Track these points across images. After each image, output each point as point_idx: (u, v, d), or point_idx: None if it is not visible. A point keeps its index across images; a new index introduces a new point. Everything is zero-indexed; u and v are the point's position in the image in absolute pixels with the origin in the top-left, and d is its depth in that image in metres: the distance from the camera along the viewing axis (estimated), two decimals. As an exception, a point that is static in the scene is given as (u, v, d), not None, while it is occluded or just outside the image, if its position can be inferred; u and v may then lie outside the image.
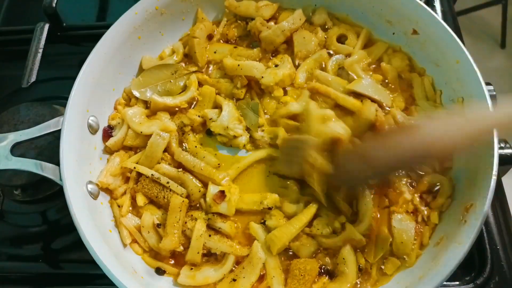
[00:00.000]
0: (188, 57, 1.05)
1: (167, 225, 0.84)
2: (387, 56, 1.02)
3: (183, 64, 1.04)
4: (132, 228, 0.87)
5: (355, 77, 0.98)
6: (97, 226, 0.81)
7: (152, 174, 0.89)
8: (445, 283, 0.73)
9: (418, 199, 0.87)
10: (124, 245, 0.86)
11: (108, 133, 0.95)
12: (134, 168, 0.90)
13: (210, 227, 0.87)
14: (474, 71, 0.85)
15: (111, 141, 0.93)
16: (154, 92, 0.98)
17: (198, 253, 0.83)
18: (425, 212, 0.86)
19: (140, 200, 0.89)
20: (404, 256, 0.83)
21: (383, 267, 0.83)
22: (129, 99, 1.00)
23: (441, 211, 0.86)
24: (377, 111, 0.91)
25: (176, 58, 1.04)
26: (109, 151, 0.94)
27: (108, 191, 0.90)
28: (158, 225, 0.86)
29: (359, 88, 0.95)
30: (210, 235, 0.85)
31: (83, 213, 0.79)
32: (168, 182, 0.88)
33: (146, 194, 0.89)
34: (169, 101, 0.97)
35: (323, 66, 1.02)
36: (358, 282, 0.83)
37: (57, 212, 1.02)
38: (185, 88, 1.01)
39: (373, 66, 1.02)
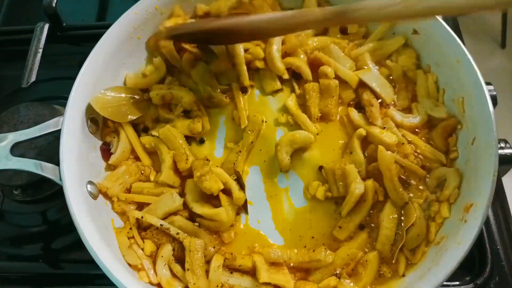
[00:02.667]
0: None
1: (195, 266, 0.79)
2: (396, 53, 1.00)
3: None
4: (144, 257, 0.83)
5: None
6: (97, 226, 0.80)
7: (161, 224, 0.84)
8: (445, 283, 0.73)
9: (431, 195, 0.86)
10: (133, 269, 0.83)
11: (107, 150, 0.93)
12: (142, 217, 0.85)
13: (229, 267, 0.83)
14: (474, 71, 0.85)
15: (113, 158, 0.91)
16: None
17: (217, 286, 0.80)
18: (436, 207, 0.85)
19: (148, 248, 0.83)
20: (413, 250, 0.82)
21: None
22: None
23: (450, 204, 0.84)
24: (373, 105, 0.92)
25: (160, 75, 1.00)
26: (113, 168, 0.92)
27: (107, 197, 0.89)
28: (176, 261, 0.83)
29: (365, 77, 0.94)
30: (231, 272, 0.82)
31: (83, 213, 0.78)
32: (178, 233, 0.83)
33: (156, 244, 0.85)
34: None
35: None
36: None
37: (57, 212, 1.02)
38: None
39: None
